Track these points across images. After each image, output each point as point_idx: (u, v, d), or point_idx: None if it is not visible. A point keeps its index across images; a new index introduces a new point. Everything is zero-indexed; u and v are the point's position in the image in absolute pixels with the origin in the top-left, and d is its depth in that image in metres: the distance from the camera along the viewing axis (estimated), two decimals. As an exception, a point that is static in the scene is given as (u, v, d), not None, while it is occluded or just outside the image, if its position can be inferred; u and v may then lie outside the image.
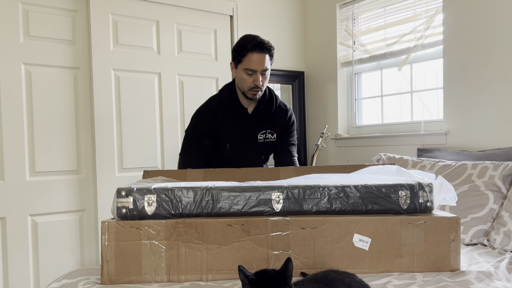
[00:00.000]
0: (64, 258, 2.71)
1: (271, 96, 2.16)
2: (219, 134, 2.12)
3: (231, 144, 2.12)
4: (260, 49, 1.97)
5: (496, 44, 2.50)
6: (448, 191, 1.58)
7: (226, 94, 2.12)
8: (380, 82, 3.32)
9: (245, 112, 2.12)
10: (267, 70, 2.01)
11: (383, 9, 3.21)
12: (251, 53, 1.97)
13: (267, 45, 2.00)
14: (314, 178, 1.67)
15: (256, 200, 1.51)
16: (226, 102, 2.11)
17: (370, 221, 1.51)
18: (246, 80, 2.01)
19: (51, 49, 2.65)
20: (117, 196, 1.49)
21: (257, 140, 2.13)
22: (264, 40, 2.01)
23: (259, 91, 2.03)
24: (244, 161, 2.11)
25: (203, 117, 2.13)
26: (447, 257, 1.52)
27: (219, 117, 2.11)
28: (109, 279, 1.46)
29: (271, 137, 2.15)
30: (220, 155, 2.15)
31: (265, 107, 2.14)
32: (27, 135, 2.58)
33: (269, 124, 2.16)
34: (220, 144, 2.13)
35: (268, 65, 2.00)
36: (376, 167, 1.90)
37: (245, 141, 2.13)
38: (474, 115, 2.62)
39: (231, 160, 2.12)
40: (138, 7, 2.93)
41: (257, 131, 2.14)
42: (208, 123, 2.11)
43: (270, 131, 2.16)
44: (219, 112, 2.12)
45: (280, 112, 2.20)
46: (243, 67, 2.00)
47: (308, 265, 1.50)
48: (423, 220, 1.52)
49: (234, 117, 2.11)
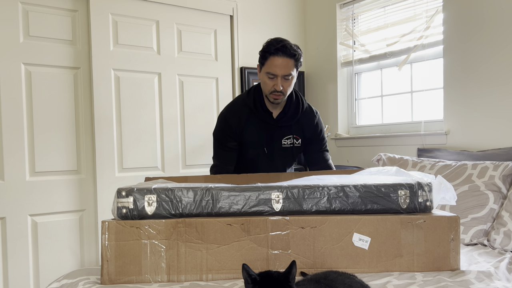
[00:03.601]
0: (64, 258, 2.71)
1: (297, 101, 2.08)
2: (242, 138, 2.06)
3: (256, 148, 2.06)
4: (283, 53, 1.88)
5: (496, 44, 2.50)
6: (448, 191, 1.58)
7: (252, 97, 2.05)
8: (380, 82, 3.32)
9: (270, 116, 2.05)
10: (291, 76, 1.92)
11: (383, 9, 3.21)
12: (273, 56, 1.90)
13: (291, 50, 1.90)
14: (313, 179, 1.67)
15: (255, 200, 1.51)
16: (251, 105, 2.04)
17: (370, 221, 1.51)
18: (267, 83, 1.95)
19: (51, 49, 2.65)
20: (117, 196, 1.49)
21: (282, 145, 2.07)
22: (289, 44, 1.91)
23: (280, 95, 1.95)
24: (269, 166, 2.06)
25: (226, 121, 2.08)
26: (447, 256, 1.52)
27: (242, 121, 2.05)
28: (109, 279, 1.46)
29: (296, 143, 2.08)
30: (245, 159, 2.10)
31: (291, 112, 2.06)
32: (27, 135, 2.58)
33: (295, 129, 2.08)
34: (244, 148, 2.08)
35: (291, 71, 1.92)
36: (376, 169, 1.90)
37: (270, 145, 2.06)
38: (474, 115, 2.62)
39: (256, 164, 2.07)
40: (138, 7, 2.93)
41: (282, 136, 2.07)
42: (231, 127, 2.06)
43: (296, 137, 2.08)
44: (243, 115, 2.05)
45: (307, 117, 2.12)
46: (265, 71, 1.94)
47: (308, 265, 1.50)
48: (423, 219, 1.52)
49: (258, 120, 2.04)
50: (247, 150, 2.09)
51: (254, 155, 2.09)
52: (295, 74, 1.96)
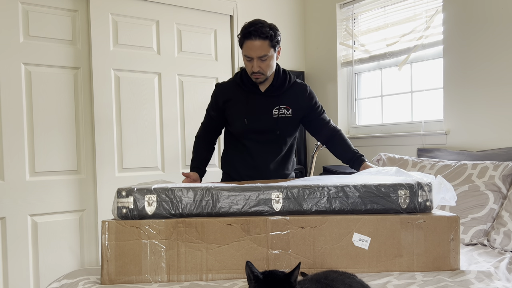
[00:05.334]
0: (64, 258, 2.71)
1: (285, 75, 2.16)
2: (231, 108, 2.14)
3: (247, 118, 2.12)
4: (255, 36, 1.95)
5: (496, 44, 2.50)
6: (448, 191, 1.58)
7: (239, 75, 2.17)
8: (380, 82, 3.32)
9: (257, 89, 2.13)
10: (266, 56, 1.98)
11: (383, 9, 3.21)
12: (247, 40, 1.97)
13: (263, 31, 1.95)
14: (313, 180, 1.67)
15: (255, 200, 1.51)
16: (238, 80, 2.15)
17: (370, 221, 1.51)
18: (247, 65, 2.04)
19: (51, 49, 2.65)
20: (117, 196, 1.50)
21: (272, 115, 2.12)
22: (261, 26, 1.96)
23: (260, 75, 2.04)
24: (261, 137, 2.12)
25: (214, 92, 2.21)
26: (447, 256, 1.52)
27: (230, 92, 2.15)
28: (109, 279, 1.46)
29: (287, 113, 2.12)
30: (238, 131, 2.15)
31: (278, 84, 2.13)
32: (27, 135, 2.58)
33: (284, 100, 2.14)
34: (235, 120, 2.14)
35: (267, 51, 1.97)
36: (375, 169, 1.90)
37: (259, 115, 2.12)
38: (474, 115, 2.62)
39: (249, 136, 2.13)
40: (138, 7, 2.93)
41: (270, 106, 2.12)
42: (218, 96, 2.16)
43: (285, 107, 2.13)
44: (231, 87, 2.16)
45: (297, 87, 2.18)
46: (243, 54, 2.03)
47: (308, 265, 1.50)
48: (423, 219, 1.52)
49: (245, 93, 2.13)
50: (239, 121, 2.12)
51: (245, 126, 2.12)
52: (272, 54, 2.01)
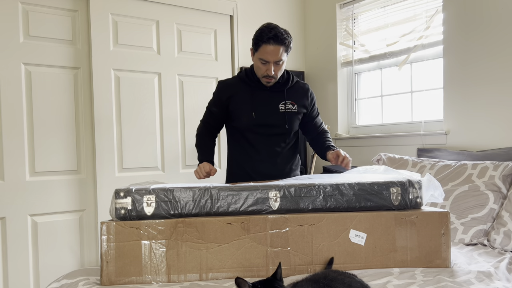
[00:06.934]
0: (64, 258, 2.71)
1: (288, 75, 2.22)
2: (236, 103, 2.17)
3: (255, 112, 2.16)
4: (274, 42, 2.01)
5: (496, 44, 2.50)
6: (436, 188, 1.64)
7: (244, 72, 2.21)
8: (380, 82, 3.32)
9: (263, 85, 2.17)
10: (281, 61, 2.06)
11: (383, 9, 3.21)
12: (265, 44, 2.02)
13: (282, 37, 2.02)
14: (304, 179, 1.71)
15: (254, 199, 1.53)
16: (243, 76, 2.19)
17: (366, 217, 1.55)
18: (261, 68, 2.08)
19: (51, 49, 2.65)
20: (115, 197, 1.49)
21: (279, 110, 2.17)
22: (280, 32, 2.03)
23: (272, 79, 2.10)
24: (269, 130, 2.15)
25: (217, 87, 2.23)
26: (438, 250, 1.58)
27: (234, 87, 2.18)
28: (109, 280, 1.46)
29: (292, 108, 2.19)
30: (244, 125, 2.17)
31: (283, 82, 2.20)
32: (27, 135, 2.58)
33: (289, 95, 2.20)
34: (241, 114, 2.17)
35: (282, 56, 2.05)
36: (363, 167, 1.94)
37: (267, 109, 2.16)
38: (474, 115, 2.62)
39: (255, 129, 2.15)
40: (138, 7, 2.93)
41: (276, 101, 2.18)
42: (221, 92, 2.19)
43: (291, 102, 2.20)
44: (235, 83, 2.20)
45: (299, 86, 2.25)
46: (258, 56, 2.07)
47: (306, 261, 1.52)
48: (415, 215, 1.57)
49: (250, 88, 2.17)
50: (240, 116, 2.15)
51: (253, 121, 2.14)
52: (285, 59, 2.10)
